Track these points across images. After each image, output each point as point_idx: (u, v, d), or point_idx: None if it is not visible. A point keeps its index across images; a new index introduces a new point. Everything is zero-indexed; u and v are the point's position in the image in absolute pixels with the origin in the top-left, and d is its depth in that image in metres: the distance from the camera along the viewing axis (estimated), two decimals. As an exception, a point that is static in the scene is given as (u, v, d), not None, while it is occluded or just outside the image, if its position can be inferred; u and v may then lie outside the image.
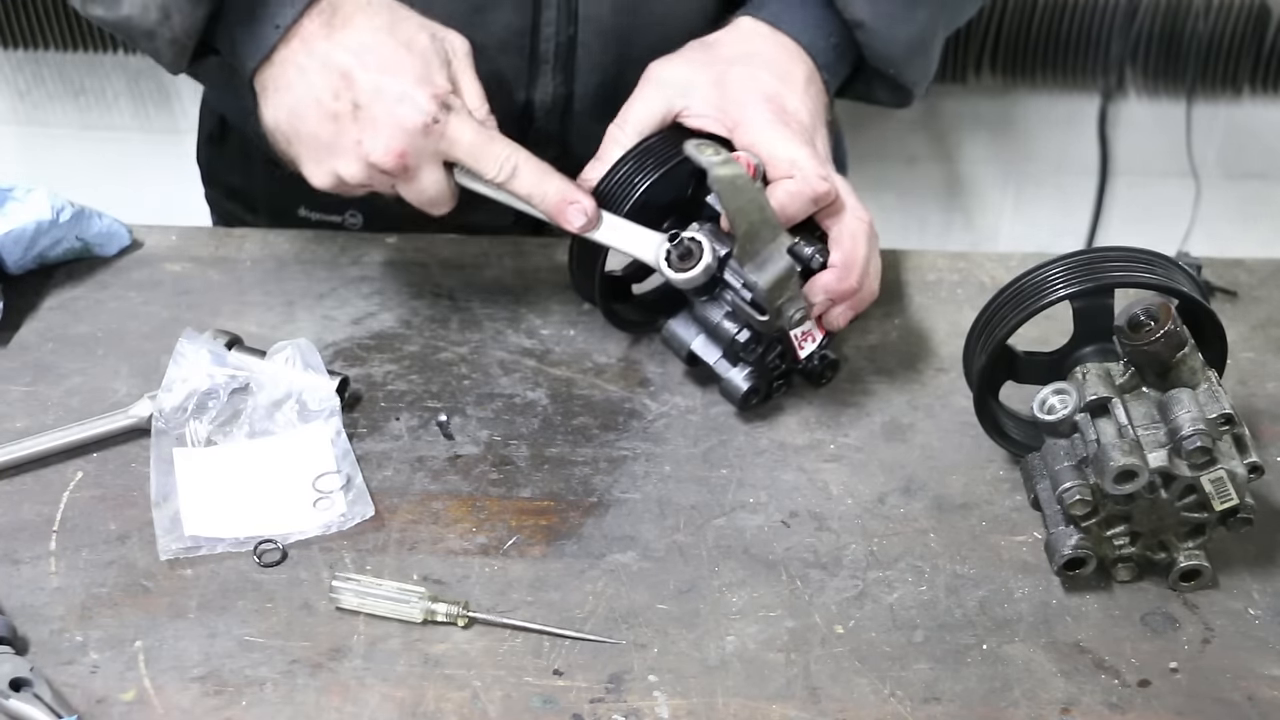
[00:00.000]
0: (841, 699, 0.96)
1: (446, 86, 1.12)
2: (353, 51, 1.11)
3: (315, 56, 1.12)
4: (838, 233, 1.14)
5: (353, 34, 1.12)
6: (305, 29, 1.12)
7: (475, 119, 1.13)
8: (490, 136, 1.13)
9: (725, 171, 1.06)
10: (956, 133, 2.49)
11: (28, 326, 1.24)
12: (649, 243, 1.14)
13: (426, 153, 1.12)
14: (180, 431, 1.13)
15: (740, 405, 1.18)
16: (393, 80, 1.11)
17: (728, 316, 1.16)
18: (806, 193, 1.12)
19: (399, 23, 1.14)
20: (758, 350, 1.16)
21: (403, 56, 1.12)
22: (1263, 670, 0.99)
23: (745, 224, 1.08)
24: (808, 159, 1.13)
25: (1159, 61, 2.37)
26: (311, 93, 1.12)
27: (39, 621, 0.99)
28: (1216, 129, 2.45)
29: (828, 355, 1.20)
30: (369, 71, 1.11)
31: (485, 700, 0.95)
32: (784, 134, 1.15)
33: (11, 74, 2.46)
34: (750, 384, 1.16)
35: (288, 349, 1.16)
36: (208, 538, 1.05)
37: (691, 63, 1.22)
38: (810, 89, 1.22)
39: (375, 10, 1.13)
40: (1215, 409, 1.00)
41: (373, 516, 1.07)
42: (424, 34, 1.14)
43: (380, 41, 1.12)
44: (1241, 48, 2.34)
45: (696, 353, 1.18)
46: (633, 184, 1.17)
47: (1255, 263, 1.38)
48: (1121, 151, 2.48)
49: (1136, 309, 1.02)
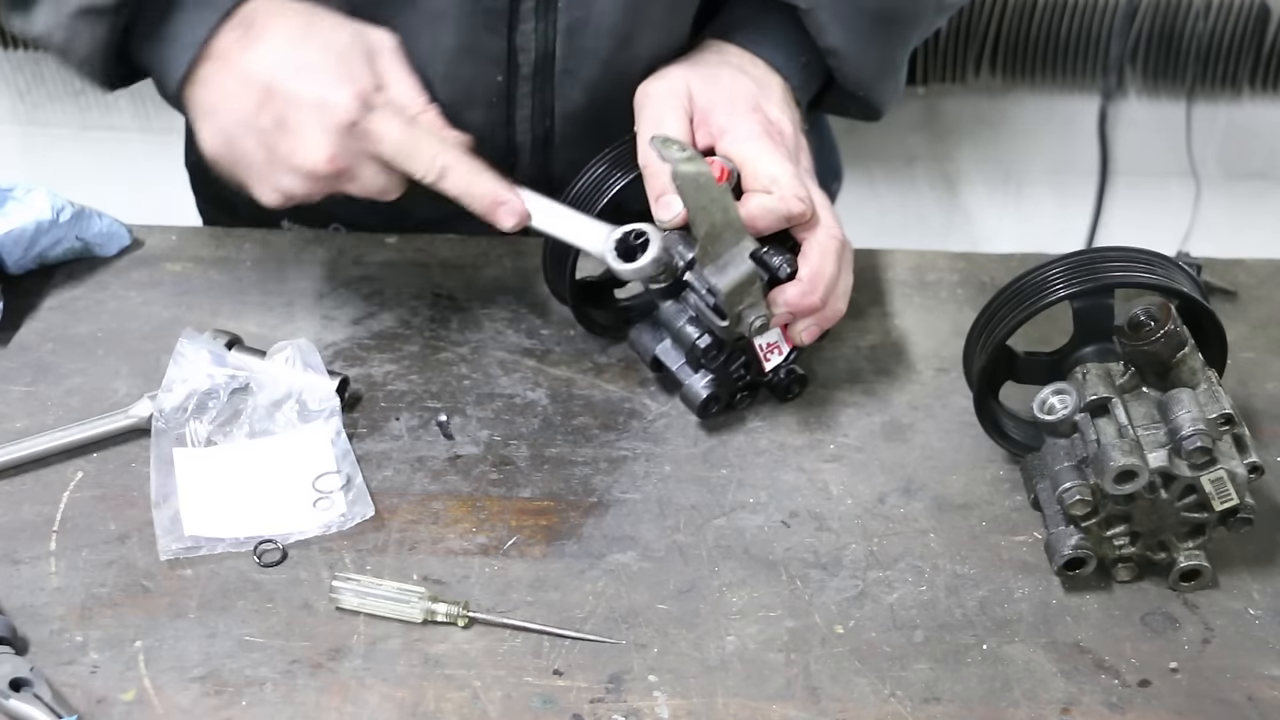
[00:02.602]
0: (841, 699, 0.96)
1: (368, 83, 1.10)
2: (271, 62, 1.10)
3: (235, 73, 1.11)
4: (808, 247, 1.13)
5: (269, 44, 1.11)
6: (221, 45, 1.11)
7: (405, 115, 1.11)
8: (416, 135, 1.11)
9: (688, 168, 1.05)
10: (956, 133, 2.49)
11: (28, 326, 1.24)
12: (597, 234, 1.13)
13: (356, 152, 1.10)
14: (180, 431, 1.12)
15: (699, 413, 1.16)
16: (310, 84, 1.09)
17: (690, 321, 1.14)
18: (780, 210, 1.11)
19: (315, 25, 1.12)
20: (719, 358, 1.14)
21: (320, 58, 1.10)
22: (1263, 670, 0.99)
23: (707, 224, 1.07)
24: (789, 177, 1.12)
25: (1159, 61, 2.37)
26: (238, 113, 1.11)
27: (39, 621, 0.99)
28: (1216, 129, 2.45)
29: (795, 370, 1.18)
30: (288, 80, 1.09)
31: (485, 700, 0.95)
32: (768, 146, 1.14)
33: (11, 74, 2.46)
34: (710, 391, 1.15)
35: (288, 349, 1.16)
36: (208, 538, 1.05)
37: (677, 67, 1.21)
38: (787, 100, 1.22)
39: (290, 16, 1.12)
40: (1215, 409, 1.00)
41: (373, 516, 1.07)
42: (342, 32, 1.11)
43: (297, 47, 1.10)
44: (1241, 48, 2.34)
45: (660, 358, 1.17)
46: (605, 185, 1.17)
47: (1255, 263, 1.38)
48: (1121, 151, 2.48)
49: (1137, 309, 1.02)
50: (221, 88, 1.12)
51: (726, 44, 1.25)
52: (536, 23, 1.18)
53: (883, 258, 1.37)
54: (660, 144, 1.06)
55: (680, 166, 1.05)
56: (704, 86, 1.18)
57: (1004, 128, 2.47)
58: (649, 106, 1.19)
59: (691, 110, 1.18)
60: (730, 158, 1.14)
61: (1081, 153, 2.48)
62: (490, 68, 1.20)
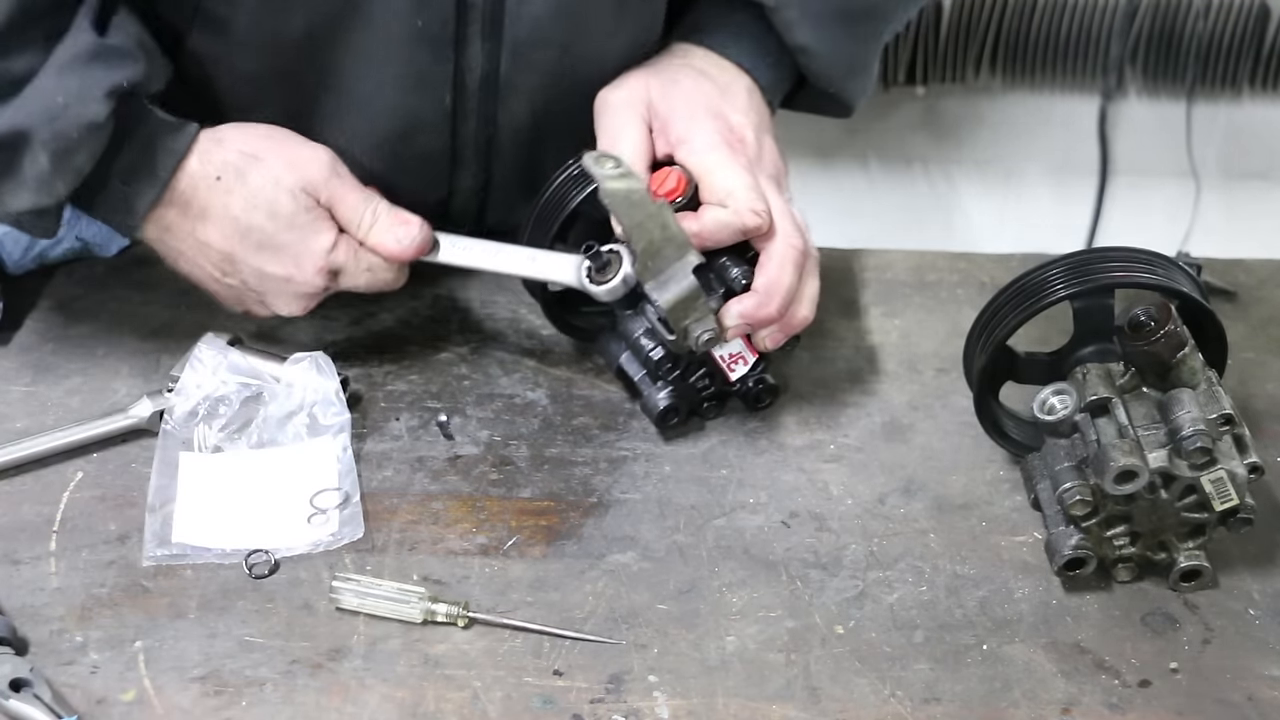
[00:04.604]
0: (841, 699, 0.96)
1: (326, 245, 1.13)
2: (224, 236, 1.13)
3: (187, 243, 1.14)
4: (765, 257, 1.12)
5: (215, 223, 1.12)
6: (165, 219, 1.13)
7: (356, 238, 1.14)
8: (376, 273, 1.15)
9: (618, 186, 1.04)
10: (956, 133, 2.49)
11: (28, 326, 1.24)
12: (568, 266, 1.13)
13: (331, 292, 1.16)
14: (188, 435, 1.12)
15: (658, 423, 1.16)
16: (275, 265, 1.13)
17: (645, 333, 1.14)
18: (735, 224, 1.11)
19: (256, 193, 1.12)
20: (675, 370, 1.14)
21: (274, 233, 1.12)
22: (1263, 670, 0.99)
23: (644, 240, 1.07)
24: (745, 189, 1.11)
25: (1159, 61, 2.37)
26: (200, 270, 1.16)
27: (39, 621, 0.99)
28: (1216, 129, 2.45)
29: (766, 379, 1.17)
30: (249, 257, 1.13)
31: (485, 700, 0.95)
32: (726, 157, 1.13)
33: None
34: (669, 403, 1.14)
35: (306, 360, 1.15)
36: (195, 546, 1.04)
37: (637, 74, 1.20)
38: (752, 102, 1.21)
39: (228, 187, 1.12)
40: (1215, 409, 1.00)
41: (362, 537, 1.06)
42: (283, 195, 1.12)
43: (246, 222, 1.12)
44: (1241, 48, 2.34)
45: (623, 367, 1.17)
46: (565, 200, 1.16)
47: (1255, 263, 1.38)
48: (1121, 151, 2.48)
49: (1137, 309, 1.02)
50: (178, 250, 1.16)
51: (693, 46, 1.24)
52: (483, 43, 1.18)
53: (883, 258, 1.37)
54: (594, 160, 1.06)
55: (608, 184, 1.04)
56: (663, 93, 1.17)
57: (1004, 128, 2.47)
58: (607, 116, 1.18)
59: (650, 118, 1.17)
60: (688, 168, 1.13)
61: (1081, 153, 2.48)
62: (439, 91, 1.19)
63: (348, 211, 1.15)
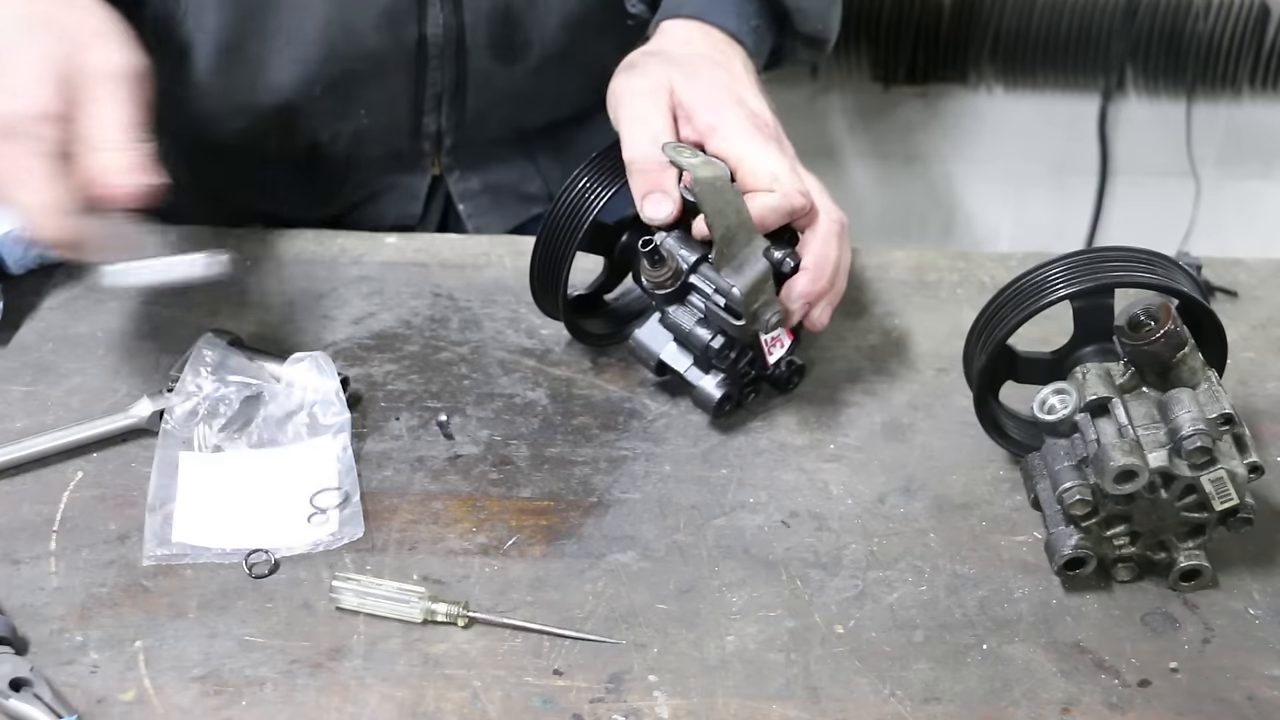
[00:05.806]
0: (841, 699, 0.96)
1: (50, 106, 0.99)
2: None
3: None
4: (809, 235, 1.14)
5: None
6: None
7: (79, 151, 1.00)
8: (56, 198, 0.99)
9: (706, 173, 1.06)
10: (956, 133, 2.49)
11: (28, 326, 1.24)
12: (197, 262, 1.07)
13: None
14: (188, 435, 1.12)
15: (714, 414, 1.16)
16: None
17: (700, 323, 1.14)
18: (784, 207, 1.12)
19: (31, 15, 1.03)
20: (731, 356, 1.14)
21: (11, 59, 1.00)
22: (1263, 670, 0.99)
23: (723, 227, 1.08)
24: (787, 173, 1.13)
25: (1159, 61, 2.37)
26: None
27: (39, 621, 0.99)
28: (1216, 129, 2.45)
29: (794, 361, 1.18)
30: None
31: (485, 700, 0.95)
32: (759, 142, 1.14)
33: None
34: (724, 391, 1.15)
35: (306, 360, 1.15)
36: (195, 546, 1.04)
37: (656, 63, 1.21)
38: (755, 79, 1.23)
39: None
40: (1215, 409, 1.00)
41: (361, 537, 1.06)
42: (57, 45, 1.01)
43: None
44: (1241, 48, 2.34)
45: (666, 361, 1.17)
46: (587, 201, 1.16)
47: (1255, 263, 1.38)
48: (1121, 151, 2.48)
49: (1137, 309, 1.02)
50: None
51: (684, 21, 1.25)
52: None
53: (883, 258, 1.37)
54: (673, 150, 1.07)
55: (699, 172, 1.05)
56: (685, 83, 1.18)
57: (1004, 128, 2.47)
58: (629, 103, 1.18)
59: (674, 106, 1.18)
60: (724, 156, 1.14)
61: (1081, 152, 2.48)
62: None
63: (96, 118, 1.00)
